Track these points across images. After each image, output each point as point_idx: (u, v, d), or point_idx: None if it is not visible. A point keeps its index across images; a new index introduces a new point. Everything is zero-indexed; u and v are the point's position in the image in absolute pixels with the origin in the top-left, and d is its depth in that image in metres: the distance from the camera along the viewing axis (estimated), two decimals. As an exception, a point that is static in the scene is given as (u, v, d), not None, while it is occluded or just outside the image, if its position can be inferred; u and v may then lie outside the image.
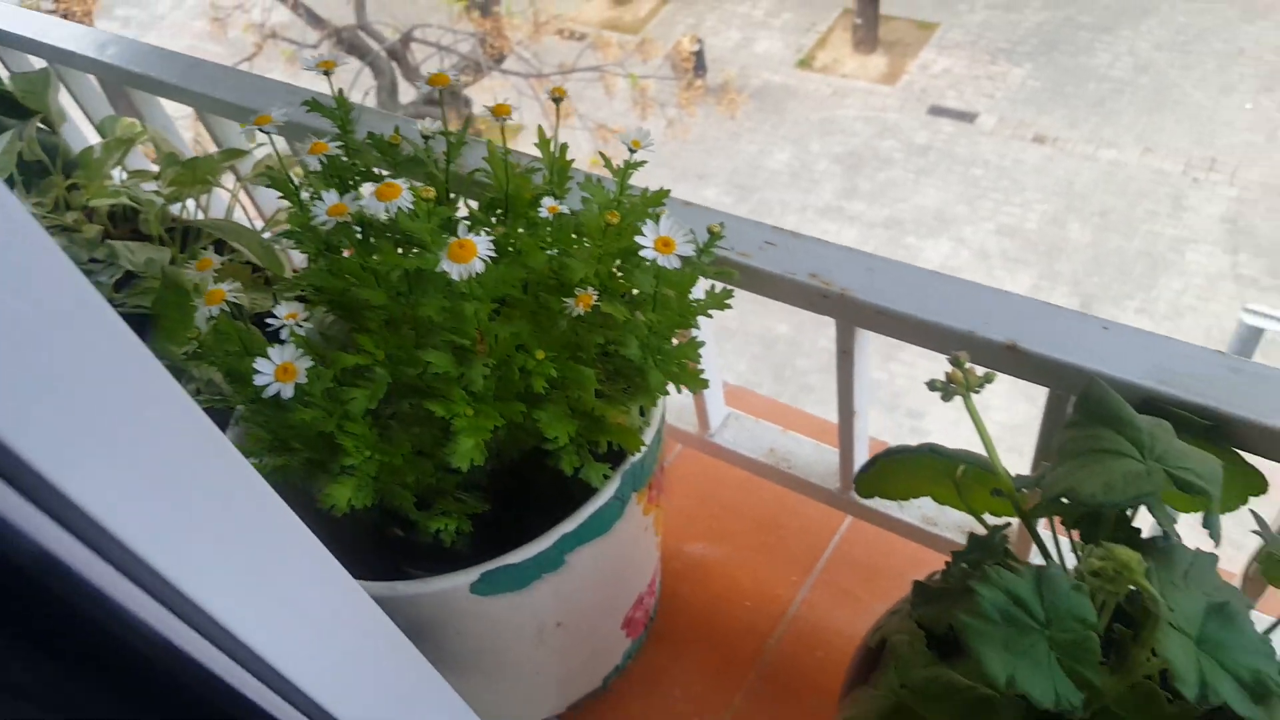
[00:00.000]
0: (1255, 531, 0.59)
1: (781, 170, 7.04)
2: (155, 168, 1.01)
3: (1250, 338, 4.25)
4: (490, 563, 0.63)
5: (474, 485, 0.69)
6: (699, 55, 7.52)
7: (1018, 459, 0.73)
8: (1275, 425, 0.56)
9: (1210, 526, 0.49)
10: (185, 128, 1.17)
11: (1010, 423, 4.72)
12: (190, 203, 0.97)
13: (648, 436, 0.68)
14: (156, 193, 0.91)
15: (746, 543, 0.95)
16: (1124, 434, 0.52)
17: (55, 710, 0.23)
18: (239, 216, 0.99)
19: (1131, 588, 0.48)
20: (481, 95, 6.54)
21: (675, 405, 0.95)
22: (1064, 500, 0.51)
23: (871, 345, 0.74)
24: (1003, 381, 0.60)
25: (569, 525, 0.64)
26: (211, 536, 0.29)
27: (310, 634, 0.37)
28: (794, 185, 6.96)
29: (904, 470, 0.67)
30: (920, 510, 0.84)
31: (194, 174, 0.91)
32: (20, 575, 0.21)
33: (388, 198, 0.51)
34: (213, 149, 0.98)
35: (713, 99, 7.12)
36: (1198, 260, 6.07)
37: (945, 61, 7.66)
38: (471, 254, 0.49)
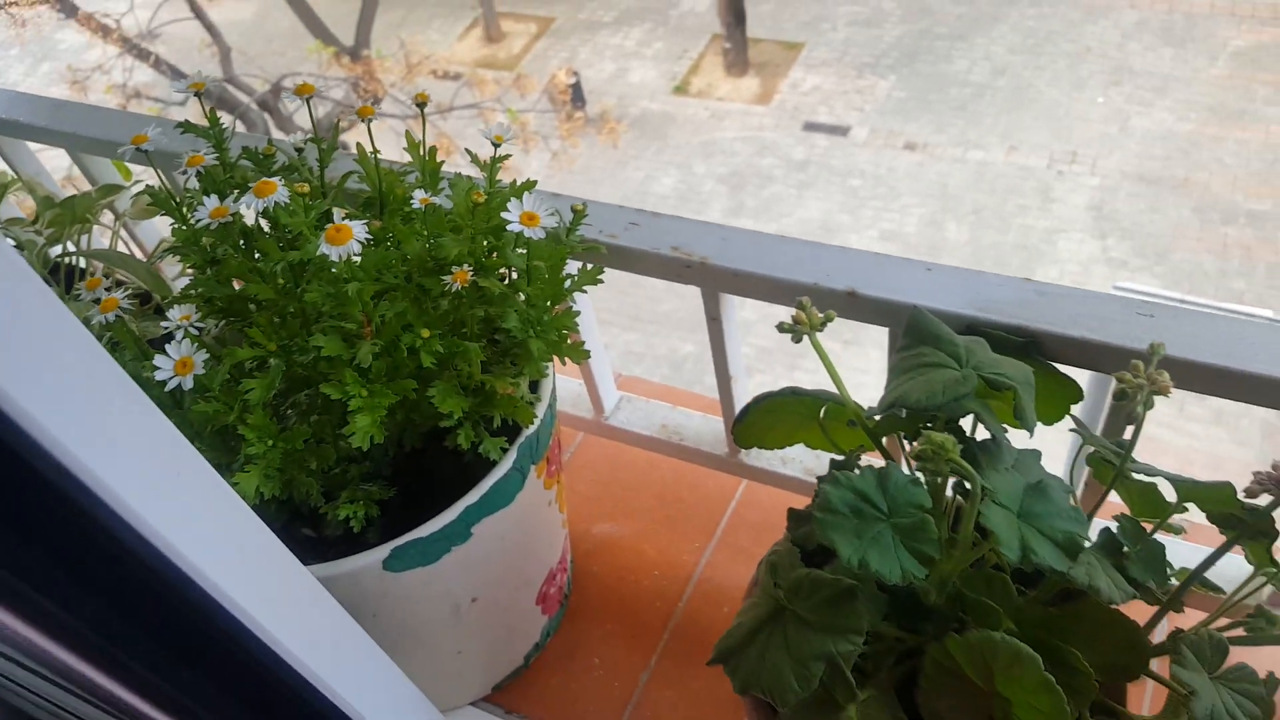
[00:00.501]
0: (1073, 430, 0.68)
1: (669, 194, 7.20)
2: (26, 216, 1.02)
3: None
4: (399, 538, 0.67)
5: (378, 475, 0.73)
6: (576, 87, 7.65)
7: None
8: (1073, 334, 0.64)
9: (1021, 417, 0.57)
10: (56, 183, 1.18)
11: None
12: (70, 245, 0.98)
13: (540, 410, 0.73)
14: (37, 231, 0.92)
15: (650, 518, 1.00)
16: (943, 350, 0.60)
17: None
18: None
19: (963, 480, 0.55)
20: (359, 138, 6.50)
21: (572, 393, 1.00)
22: (897, 411, 0.59)
23: (738, 311, 0.80)
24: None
25: (472, 497, 0.69)
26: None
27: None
28: (683, 207, 7.11)
29: (774, 417, 0.73)
30: (801, 464, 0.90)
31: (72, 213, 0.93)
32: None
33: (264, 194, 0.55)
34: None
35: (593, 129, 7.25)
36: (1069, 248, 6.38)
37: (814, 79, 7.96)
38: (348, 236, 0.53)
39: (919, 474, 0.55)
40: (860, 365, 5.23)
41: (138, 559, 0.35)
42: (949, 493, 0.62)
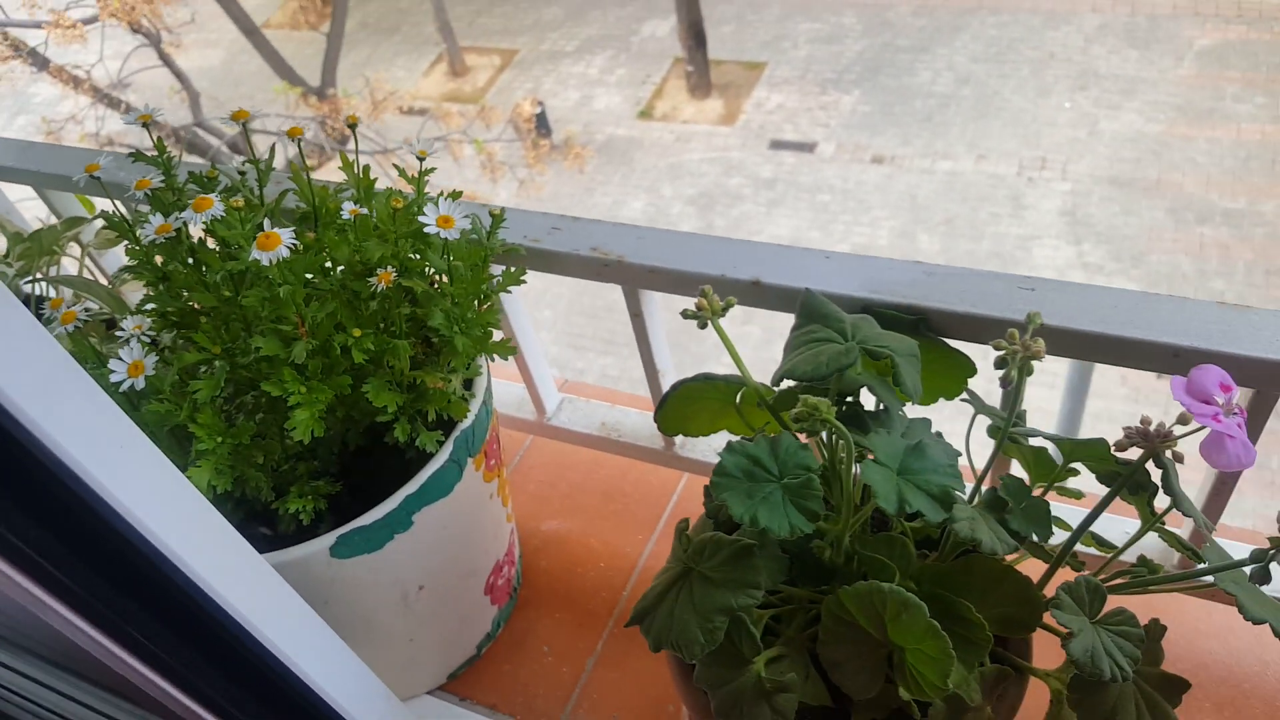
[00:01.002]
0: (965, 400, 0.73)
1: (638, 217, 7.28)
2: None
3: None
4: (344, 526, 0.71)
5: (326, 473, 0.77)
6: (541, 117, 7.74)
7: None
8: (959, 310, 0.70)
9: (900, 384, 0.62)
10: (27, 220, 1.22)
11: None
12: (39, 276, 1.03)
13: (474, 406, 0.78)
14: (7, 264, 0.97)
15: (596, 514, 1.05)
16: (831, 326, 0.65)
17: None
18: (84, 282, 1.05)
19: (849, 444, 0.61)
20: (331, 175, 6.59)
21: (516, 397, 1.05)
22: (788, 382, 0.64)
23: (660, 308, 0.86)
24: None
25: (411, 486, 0.74)
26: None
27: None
28: (654, 229, 7.18)
29: (693, 405, 0.78)
30: (734, 452, 0.95)
31: (39, 245, 0.97)
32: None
33: (202, 209, 0.60)
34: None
35: (560, 156, 7.34)
36: (1045, 254, 6.42)
37: (778, 97, 8.07)
38: (277, 242, 0.58)
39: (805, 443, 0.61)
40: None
41: (106, 525, 0.40)
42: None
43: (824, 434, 0.65)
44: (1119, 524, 0.85)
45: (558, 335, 6.48)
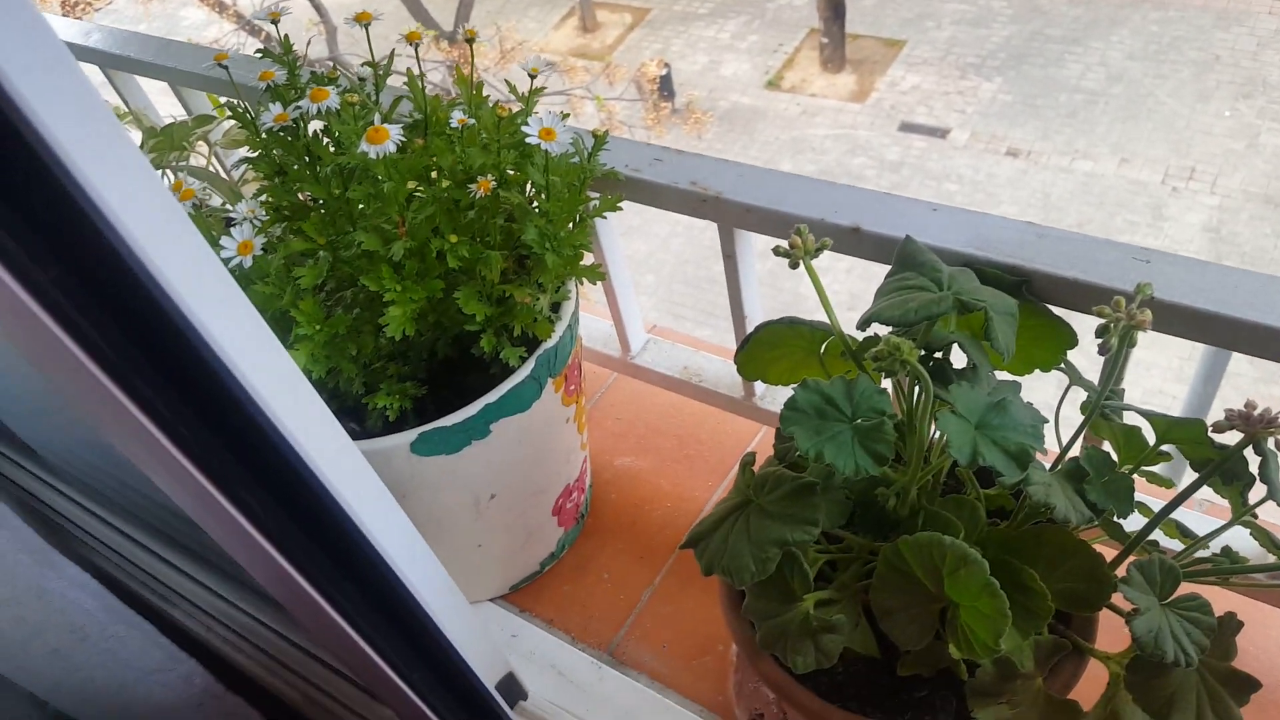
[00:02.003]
0: (1060, 369, 0.71)
1: (755, 188, 7.19)
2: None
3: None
4: (426, 425, 0.74)
5: (414, 377, 0.80)
6: (666, 79, 7.70)
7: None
8: (1066, 275, 0.67)
9: (991, 338, 0.60)
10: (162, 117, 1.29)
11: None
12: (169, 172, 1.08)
13: (559, 328, 0.79)
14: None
15: (669, 455, 1.06)
16: (927, 275, 0.64)
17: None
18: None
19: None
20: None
21: (603, 333, 1.06)
22: (875, 330, 0.63)
23: (754, 253, 0.85)
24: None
25: (492, 396, 0.76)
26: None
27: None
28: (768, 203, 7.10)
29: (776, 350, 0.78)
30: (815, 408, 0.95)
31: (171, 140, 1.03)
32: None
33: (318, 99, 0.63)
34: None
35: (679, 120, 7.30)
36: (1179, 271, 6.12)
37: (914, 78, 7.84)
38: (385, 136, 0.60)
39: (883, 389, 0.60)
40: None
41: (220, 383, 0.43)
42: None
43: (903, 382, 0.64)
44: (1209, 524, 0.81)
45: (658, 302, 6.49)
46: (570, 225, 0.72)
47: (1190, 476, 0.64)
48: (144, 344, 0.40)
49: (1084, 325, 0.68)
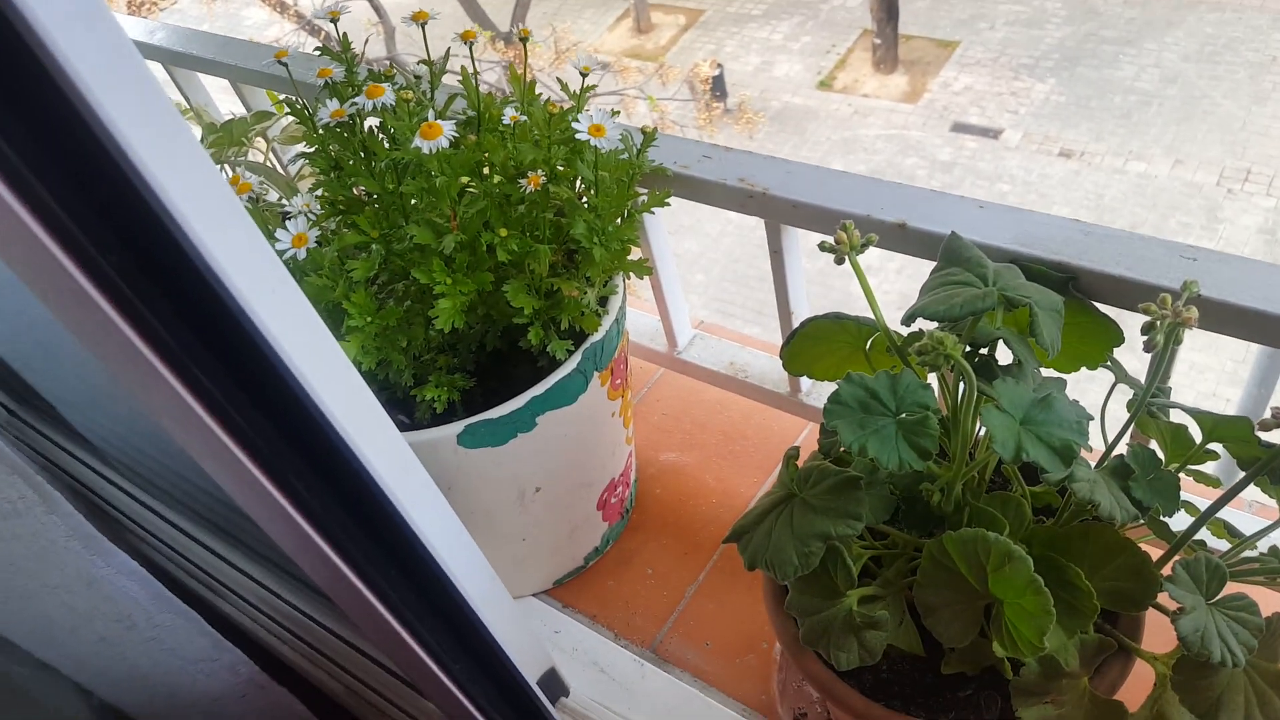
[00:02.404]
0: (1107, 366, 0.70)
1: (805, 189, 7.17)
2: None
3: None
4: (473, 417, 0.75)
5: (463, 369, 0.81)
6: (718, 79, 7.69)
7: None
8: (1112, 271, 0.67)
9: (1036, 334, 0.60)
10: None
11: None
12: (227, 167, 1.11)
13: (605, 322, 0.80)
14: (198, 149, 1.05)
15: (714, 451, 1.06)
16: (973, 271, 0.64)
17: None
18: (269, 176, 1.13)
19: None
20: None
21: (650, 328, 1.07)
22: (920, 325, 0.63)
23: (801, 249, 0.85)
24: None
25: (538, 389, 0.77)
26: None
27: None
28: (818, 203, 7.07)
29: (821, 345, 0.78)
30: (860, 406, 0.95)
31: (230, 135, 1.05)
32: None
33: (375, 95, 0.64)
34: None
35: (731, 120, 7.30)
36: (1234, 274, 6.01)
37: (967, 79, 7.75)
38: (438, 132, 0.62)
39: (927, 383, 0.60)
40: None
41: (270, 366, 0.44)
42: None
43: (948, 377, 0.64)
44: (1258, 525, 0.80)
45: (708, 300, 6.49)
46: (618, 220, 0.73)
47: (1239, 477, 0.63)
48: (200, 331, 0.41)
49: (1132, 323, 0.67)
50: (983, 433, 0.67)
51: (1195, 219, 6.44)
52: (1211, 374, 5.41)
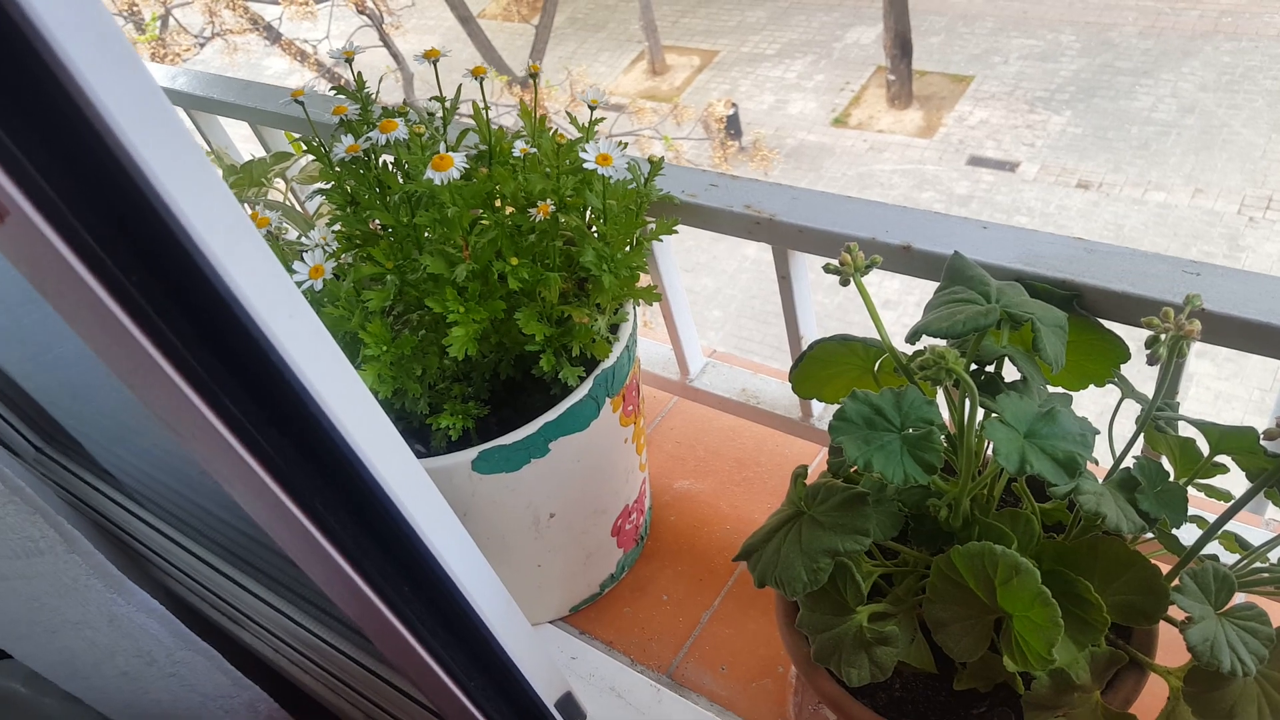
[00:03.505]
0: (1112, 382, 0.71)
1: (821, 224, 7.19)
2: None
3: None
4: (487, 444, 0.76)
5: (477, 398, 0.83)
6: (733, 118, 7.77)
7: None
8: (1116, 288, 0.68)
9: (1040, 349, 0.61)
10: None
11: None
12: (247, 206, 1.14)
13: (616, 349, 0.81)
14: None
15: (728, 478, 1.07)
16: (975, 289, 0.65)
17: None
18: (289, 215, 1.16)
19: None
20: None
21: (663, 357, 1.08)
22: (925, 343, 0.64)
23: (808, 272, 0.87)
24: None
25: (551, 415, 0.78)
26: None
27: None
28: (836, 238, 7.09)
29: (830, 368, 0.79)
30: (872, 429, 0.95)
31: (250, 176, 1.08)
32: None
33: (388, 130, 0.66)
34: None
35: (746, 158, 7.37)
36: (1256, 303, 5.98)
37: (982, 113, 7.79)
38: (449, 164, 0.64)
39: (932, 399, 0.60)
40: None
41: (286, 386, 0.46)
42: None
43: (953, 393, 0.65)
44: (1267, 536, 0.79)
45: (725, 336, 6.50)
46: (627, 248, 0.75)
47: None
48: (223, 357, 0.43)
49: (1137, 340, 0.68)
50: (990, 448, 0.68)
51: (1217, 248, 6.42)
52: (1239, 402, 5.35)
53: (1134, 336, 0.71)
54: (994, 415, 0.59)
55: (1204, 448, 0.66)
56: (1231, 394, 5.39)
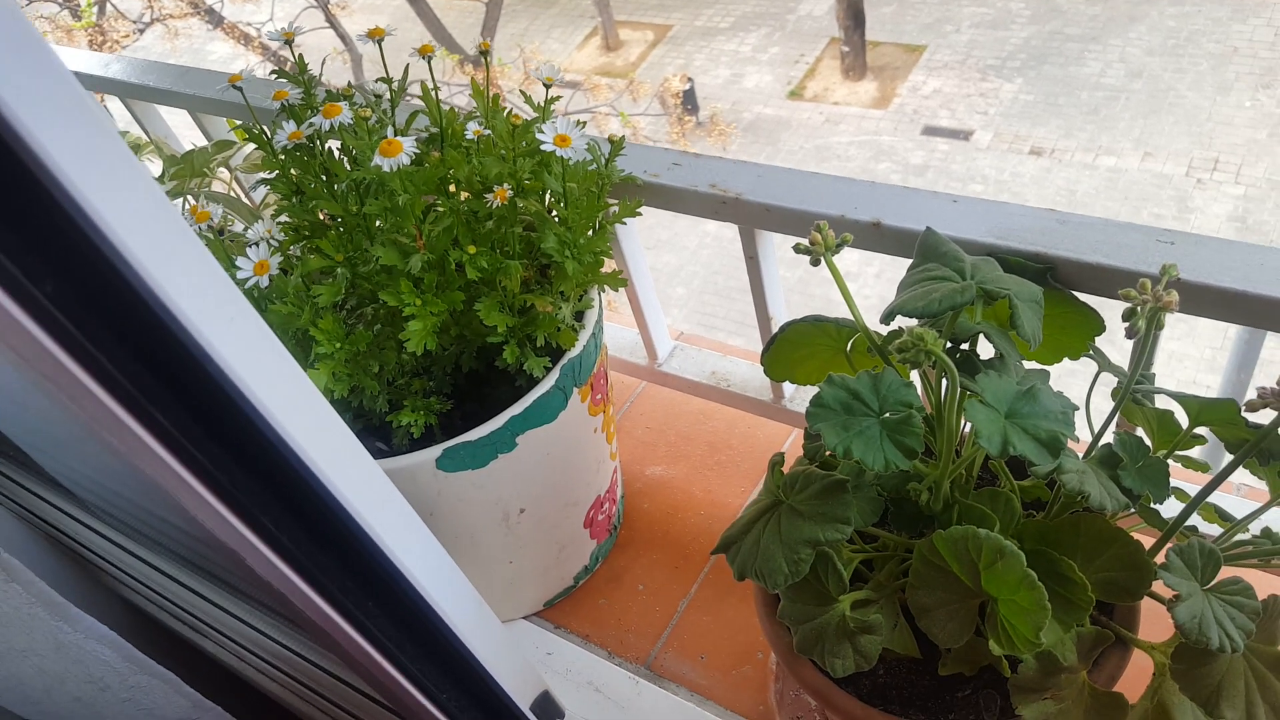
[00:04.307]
0: (1089, 356, 0.70)
1: (780, 197, 7.19)
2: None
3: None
4: (451, 440, 0.74)
5: (439, 392, 0.80)
6: (689, 93, 7.73)
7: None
8: (1090, 260, 0.66)
9: (1017, 325, 0.59)
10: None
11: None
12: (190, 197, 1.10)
13: (582, 337, 0.79)
14: (160, 183, 1.04)
15: (700, 463, 1.05)
16: (950, 265, 0.63)
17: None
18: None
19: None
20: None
21: (630, 342, 1.06)
22: (900, 323, 0.62)
23: (776, 251, 0.85)
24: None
25: (517, 408, 0.75)
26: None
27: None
28: (795, 211, 7.10)
29: (802, 349, 0.77)
30: (844, 409, 0.94)
31: (191, 167, 1.04)
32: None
33: (331, 115, 0.63)
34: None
35: (704, 132, 7.34)
36: (1207, 261, 6.10)
37: (935, 82, 7.81)
38: (398, 149, 0.60)
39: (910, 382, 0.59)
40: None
41: (221, 392, 0.42)
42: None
43: (930, 374, 0.63)
44: (1250, 509, 0.79)
45: (689, 313, 6.50)
46: (590, 232, 0.72)
47: (1228, 460, 0.62)
48: (150, 365, 0.40)
49: (1112, 310, 0.67)
50: (968, 429, 0.66)
51: (1167, 210, 6.53)
52: (1190, 361, 5.46)
53: (1104, 306, 0.70)
54: (974, 396, 0.57)
55: (1183, 420, 0.65)
56: (1184, 353, 5.50)
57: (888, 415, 0.57)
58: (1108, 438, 0.65)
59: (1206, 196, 6.52)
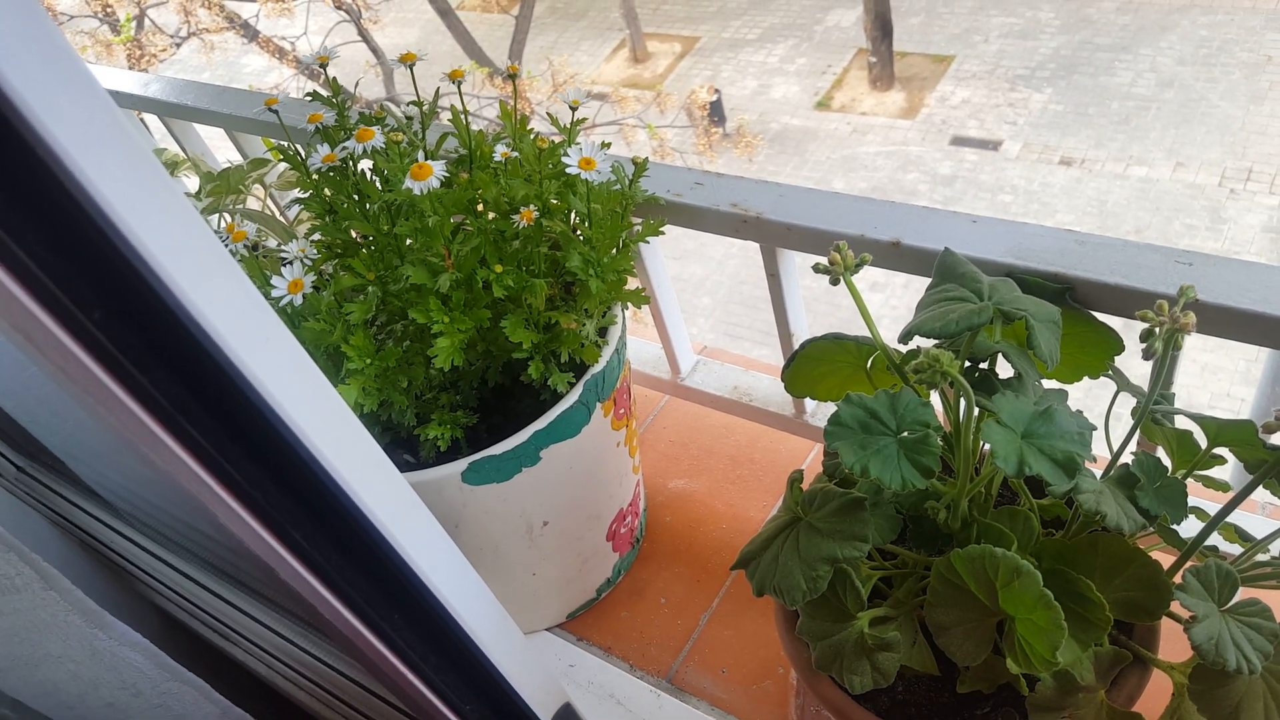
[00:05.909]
0: (1108, 376, 0.70)
1: (807, 209, 7.19)
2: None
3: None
4: (476, 454, 0.75)
5: (466, 406, 0.81)
6: (716, 104, 7.75)
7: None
8: (1108, 280, 0.67)
9: (1034, 346, 0.60)
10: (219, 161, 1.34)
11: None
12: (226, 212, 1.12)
13: (606, 353, 0.80)
14: (196, 199, 1.06)
15: (723, 476, 1.06)
16: (968, 286, 0.64)
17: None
18: (269, 222, 1.14)
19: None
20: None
21: (653, 356, 1.07)
22: (918, 342, 0.63)
23: (797, 269, 0.86)
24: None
25: (541, 423, 0.77)
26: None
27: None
28: (821, 222, 7.09)
29: (822, 366, 0.78)
30: (866, 425, 0.94)
31: (227, 184, 1.07)
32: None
33: (365, 139, 0.65)
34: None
35: (730, 144, 7.36)
36: (1241, 273, 6.02)
37: (964, 92, 7.78)
38: (429, 173, 0.62)
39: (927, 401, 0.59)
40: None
41: (255, 411, 0.44)
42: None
43: (948, 394, 0.64)
44: (1269, 526, 0.79)
45: (715, 323, 6.50)
46: (613, 251, 0.74)
47: (1249, 480, 0.62)
48: (188, 385, 0.41)
49: (1131, 331, 0.67)
50: (986, 448, 0.67)
51: (1200, 220, 6.45)
52: (1224, 374, 5.39)
53: (1123, 325, 0.70)
54: (991, 416, 0.58)
55: (1201, 441, 0.65)
56: (1218, 365, 5.43)
57: (905, 434, 0.58)
58: (1127, 457, 0.65)
59: (1240, 207, 6.44)
